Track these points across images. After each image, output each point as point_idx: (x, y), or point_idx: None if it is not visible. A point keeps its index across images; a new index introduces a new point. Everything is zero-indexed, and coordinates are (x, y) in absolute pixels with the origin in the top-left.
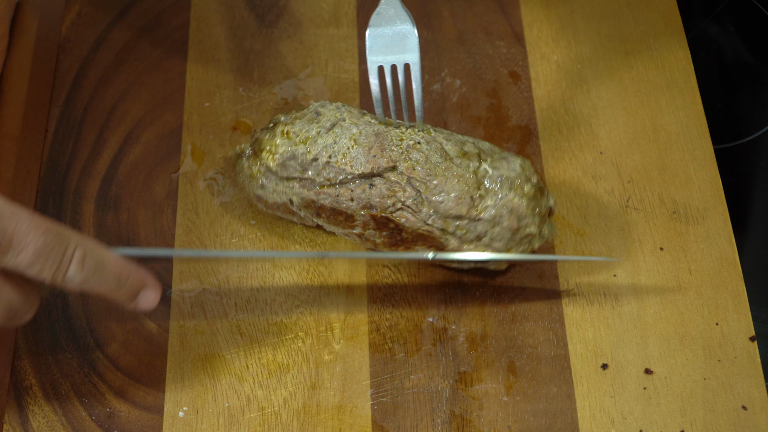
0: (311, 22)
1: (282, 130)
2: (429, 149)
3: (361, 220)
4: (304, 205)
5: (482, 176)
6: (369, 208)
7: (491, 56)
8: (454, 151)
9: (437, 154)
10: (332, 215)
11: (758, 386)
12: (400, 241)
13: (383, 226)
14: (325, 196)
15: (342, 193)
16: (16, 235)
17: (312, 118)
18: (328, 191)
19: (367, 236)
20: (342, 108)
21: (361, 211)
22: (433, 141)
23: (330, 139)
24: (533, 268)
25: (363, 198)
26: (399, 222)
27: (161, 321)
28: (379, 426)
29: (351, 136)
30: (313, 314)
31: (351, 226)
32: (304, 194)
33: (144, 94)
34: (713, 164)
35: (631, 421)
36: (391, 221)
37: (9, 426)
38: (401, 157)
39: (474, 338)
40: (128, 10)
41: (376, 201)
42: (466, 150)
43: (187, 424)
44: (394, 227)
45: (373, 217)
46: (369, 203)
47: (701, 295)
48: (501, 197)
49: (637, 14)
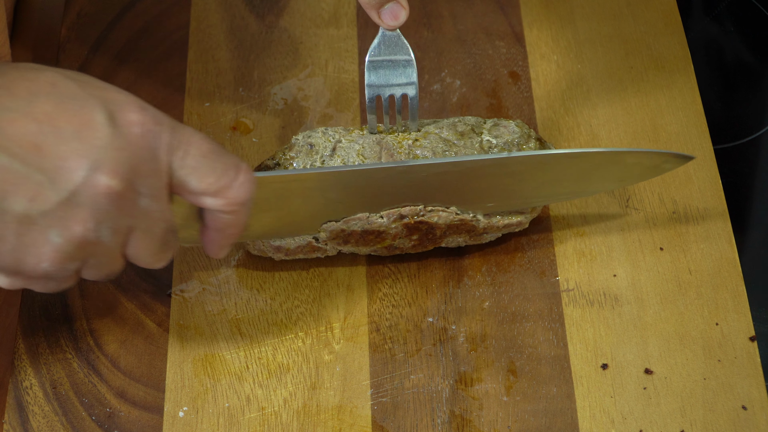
0: (311, 22)
1: None
2: (429, 142)
3: (393, 233)
4: (331, 238)
5: (488, 148)
6: (401, 218)
7: (491, 56)
8: (452, 134)
9: (440, 143)
10: (362, 237)
11: (758, 386)
12: (432, 240)
13: (415, 230)
14: (354, 222)
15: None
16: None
17: (308, 152)
18: (357, 216)
19: (397, 245)
20: (329, 131)
21: (392, 225)
22: (428, 133)
23: (338, 162)
24: (533, 268)
25: (393, 211)
26: (432, 222)
27: (161, 321)
28: (379, 426)
29: (357, 152)
30: (313, 314)
31: (380, 242)
32: (333, 227)
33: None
34: (713, 164)
35: (631, 421)
36: (424, 223)
37: (9, 426)
38: (409, 157)
39: (474, 338)
40: (128, 10)
41: (407, 210)
42: (461, 130)
43: (187, 424)
44: (426, 229)
45: (406, 226)
46: (400, 214)
47: (701, 295)
48: None
49: (637, 14)
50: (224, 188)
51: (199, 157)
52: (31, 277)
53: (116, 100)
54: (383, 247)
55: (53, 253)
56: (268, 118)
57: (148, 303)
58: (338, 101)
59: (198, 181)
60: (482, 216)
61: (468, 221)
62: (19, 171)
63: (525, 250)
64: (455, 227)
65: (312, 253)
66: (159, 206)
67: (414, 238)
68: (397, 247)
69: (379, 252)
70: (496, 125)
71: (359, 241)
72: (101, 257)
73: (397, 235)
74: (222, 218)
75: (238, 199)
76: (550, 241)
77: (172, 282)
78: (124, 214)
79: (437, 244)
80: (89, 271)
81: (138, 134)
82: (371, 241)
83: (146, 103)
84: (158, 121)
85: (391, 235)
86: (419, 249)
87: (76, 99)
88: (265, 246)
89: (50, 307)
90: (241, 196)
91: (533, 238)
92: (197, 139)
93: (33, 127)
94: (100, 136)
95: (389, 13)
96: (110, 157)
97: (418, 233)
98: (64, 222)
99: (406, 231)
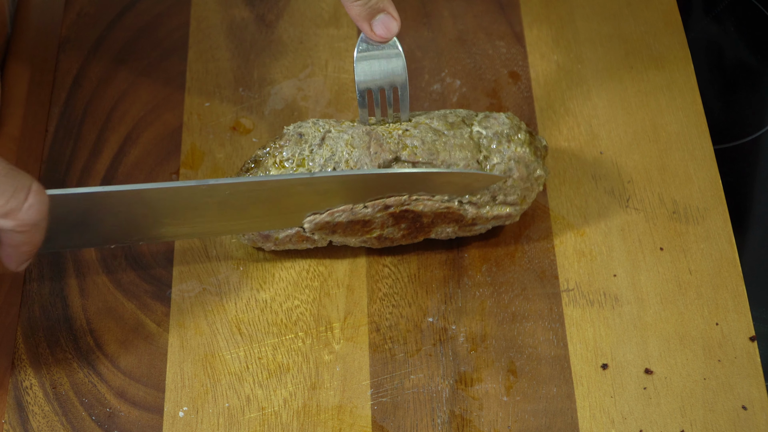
0: (311, 22)
1: (273, 162)
2: (419, 132)
3: (379, 222)
4: (317, 229)
5: (478, 138)
6: (385, 208)
7: (491, 56)
8: (441, 125)
9: (429, 133)
10: (348, 227)
11: (758, 386)
12: (420, 229)
13: (401, 219)
14: (339, 213)
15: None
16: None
17: (297, 141)
18: (341, 208)
19: (386, 235)
20: (319, 122)
21: (377, 214)
22: (418, 124)
23: (327, 152)
24: (533, 268)
25: (378, 202)
26: (418, 210)
27: (161, 321)
28: (379, 426)
29: (346, 142)
30: (313, 314)
31: (368, 231)
32: (317, 219)
33: (144, 94)
34: (713, 164)
35: (631, 421)
36: (410, 212)
37: (9, 426)
38: (399, 147)
39: (474, 338)
40: (128, 10)
41: (392, 200)
42: (451, 121)
43: (187, 424)
44: (413, 217)
45: (391, 215)
46: (384, 204)
47: (701, 295)
48: (505, 152)
49: (637, 14)
50: (14, 210)
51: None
52: None
53: None
54: (373, 237)
55: None
56: (268, 118)
57: (148, 303)
58: (338, 101)
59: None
60: (469, 206)
61: (455, 210)
62: None
63: (525, 250)
64: (442, 215)
65: (301, 243)
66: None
67: (402, 227)
68: (387, 237)
69: (370, 243)
70: (487, 117)
71: (346, 230)
72: None
73: (384, 224)
74: (14, 237)
75: (28, 220)
76: (550, 241)
77: (172, 282)
78: None
79: (428, 234)
80: None
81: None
82: (358, 231)
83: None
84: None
85: (378, 224)
86: (410, 240)
87: None
88: (254, 235)
89: (50, 307)
90: (32, 217)
91: (533, 238)
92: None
93: None
94: None
95: (381, 25)
96: None
97: (405, 222)
98: None
99: (393, 220)
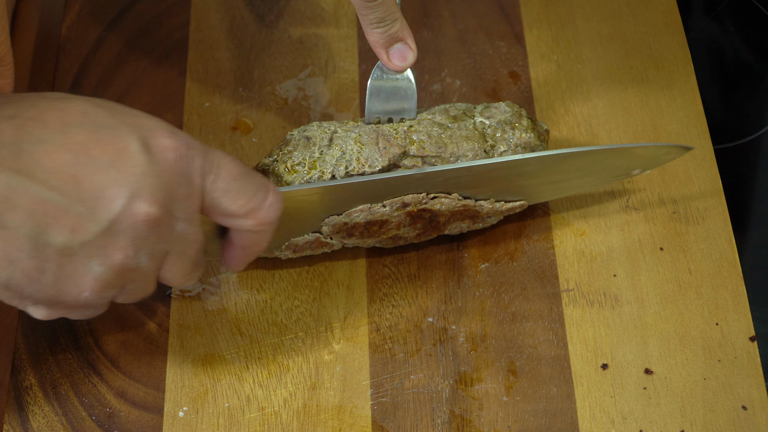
0: (311, 22)
1: (284, 168)
2: (424, 127)
3: (396, 222)
4: (334, 232)
5: (482, 129)
6: (404, 207)
7: (491, 56)
8: (444, 119)
9: (434, 127)
10: (366, 229)
11: (758, 386)
12: (435, 228)
13: (418, 219)
14: (357, 213)
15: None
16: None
17: (306, 144)
18: (359, 208)
19: (401, 234)
20: (324, 124)
21: (395, 213)
22: (421, 119)
23: (337, 151)
24: (533, 269)
25: (396, 200)
26: (435, 209)
27: (161, 321)
28: (379, 426)
29: (354, 140)
30: (313, 314)
31: (385, 231)
32: (335, 221)
33: (144, 94)
34: (713, 164)
35: (631, 421)
36: (427, 211)
37: (9, 426)
38: (406, 142)
39: (474, 338)
40: (128, 10)
41: (409, 198)
42: (453, 114)
43: (187, 424)
44: (430, 216)
45: (409, 214)
46: (403, 202)
47: (701, 295)
48: (510, 139)
49: (637, 14)
50: (254, 209)
51: (230, 180)
52: (71, 307)
53: (147, 126)
54: (388, 237)
55: (94, 282)
56: (268, 118)
57: (148, 303)
58: (338, 101)
59: (230, 203)
60: (486, 201)
61: (471, 207)
62: (58, 203)
63: (525, 250)
64: (458, 213)
65: (320, 248)
66: (193, 229)
67: (418, 227)
68: (402, 236)
69: (384, 243)
70: (487, 107)
71: (363, 233)
72: (138, 282)
73: (400, 224)
74: (249, 237)
75: (267, 219)
76: (550, 241)
77: None
78: (161, 240)
79: (441, 232)
80: (124, 296)
81: (172, 160)
82: (375, 232)
83: (175, 128)
84: (190, 145)
85: (395, 224)
86: (423, 238)
87: (108, 128)
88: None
89: None
90: (271, 216)
91: (533, 238)
92: (227, 162)
93: (69, 158)
94: (136, 164)
95: (398, 54)
96: (147, 184)
97: (421, 221)
98: (104, 251)
99: (410, 219)
